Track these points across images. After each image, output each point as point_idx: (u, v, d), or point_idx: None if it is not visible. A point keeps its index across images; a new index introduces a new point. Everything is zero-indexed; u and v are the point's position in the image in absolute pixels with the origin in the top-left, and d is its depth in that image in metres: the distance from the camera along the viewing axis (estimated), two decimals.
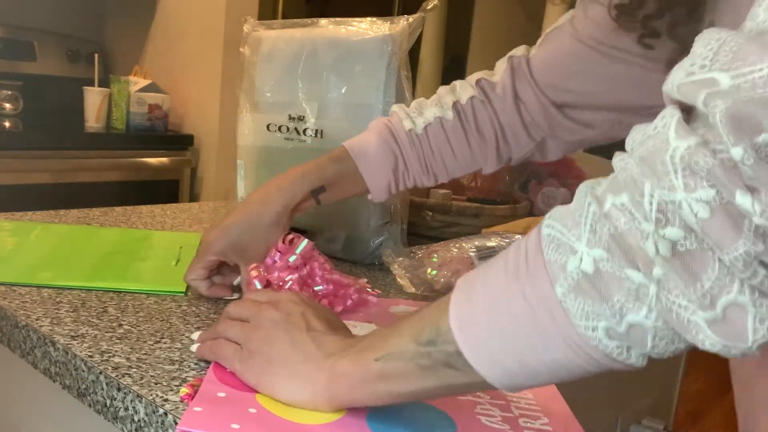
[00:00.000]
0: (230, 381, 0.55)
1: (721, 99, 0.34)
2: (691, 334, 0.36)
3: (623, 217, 0.37)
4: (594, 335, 0.39)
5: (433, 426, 0.51)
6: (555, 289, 0.39)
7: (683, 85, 0.36)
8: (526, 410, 0.55)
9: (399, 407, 0.53)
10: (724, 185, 0.34)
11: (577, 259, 0.38)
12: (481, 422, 0.52)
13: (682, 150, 0.35)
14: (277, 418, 0.49)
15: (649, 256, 0.36)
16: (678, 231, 0.35)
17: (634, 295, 0.37)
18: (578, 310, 0.39)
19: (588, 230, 0.38)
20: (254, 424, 0.47)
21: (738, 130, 0.33)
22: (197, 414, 0.48)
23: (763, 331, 0.35)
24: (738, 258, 0.34)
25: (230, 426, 0.46)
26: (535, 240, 0.41)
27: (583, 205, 0.39)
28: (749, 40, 0.34)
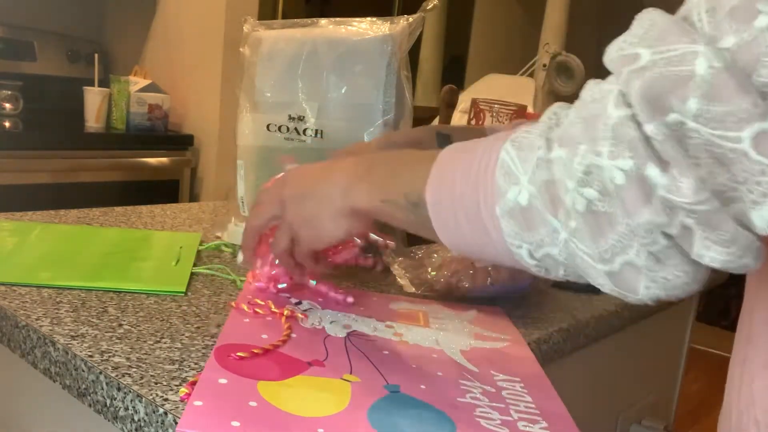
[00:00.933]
0: (232, 367, 0.55)
1: (637, 76, 0.38)
2: (591, 278, 0.43)
3: (558, 167, 0.42)
4: (518, 252, 0.47)
5: (432, 426, 0.51)
6: (496, 208, 0.46)
7: (614, 59, 0.40)
8: (525, 413, 0.55)
9: (399, 407, 0.53)
10: (640, 157, 0.38)
11: (517, 190, 0.45)
12: (481, 425, 0.52)
13: (614, 119, 0.39)
14: (278, 411, 0.49)
15: (567, 208, 0.42)
16: (594, 192, 0.40)
17: (551, 235, 0.44)
18: (509, 229, 0.46)
19: (531, 169, 0.44)
20: (255, 420, 0.47)
21: (651, 108, 0.37)
22: (197, 411, 0.48)
23: (654, 289, 0.40)
24: (641, 225, 0.38)
25: (230, 424, 0.46)
26: (494, 157, 0.47)
27: (536, 145, 0.45)
28: (674, 23, 0.38)
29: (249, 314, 0.68)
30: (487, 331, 0.74)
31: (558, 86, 2.23)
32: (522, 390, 0.60)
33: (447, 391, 0.57)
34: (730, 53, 0.36)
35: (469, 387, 0.59)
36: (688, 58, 0.36)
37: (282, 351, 0.60)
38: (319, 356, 0.60)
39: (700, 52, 0.36)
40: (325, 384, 0.55)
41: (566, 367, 0.83)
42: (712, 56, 0.36)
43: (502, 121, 1.26)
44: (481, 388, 0.59)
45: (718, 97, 0.35)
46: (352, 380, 0.57)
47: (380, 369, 0.60)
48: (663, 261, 0.39)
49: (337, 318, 0.71)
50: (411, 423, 0.51)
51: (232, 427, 0.46)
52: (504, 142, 0.47)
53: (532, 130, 0.46)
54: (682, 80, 0.36)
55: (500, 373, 0.63)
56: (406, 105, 0.98)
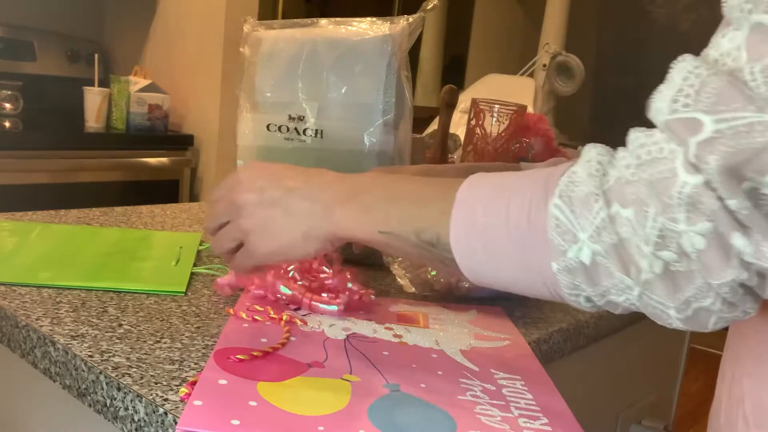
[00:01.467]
0: (231, 368, 0.55)
1: (710, 153, 0.38)
2: (661, 320, 0.44)
3: (626, 228, 0.42)
4: (576, 300, 0.47)
5: (432, 423, 0.51)
6: (552, 264, 0.46)
7: (670, 122, 0.40)
8: (526, 410, 0.55)
9: (399, 405, 0.53)
10: (723, 224, 0.39)
11: (577, 248, 0.44)
12: (481, 421, 0.52)
13: (690, 187, 0.39)
14: (278, 410, 0.49)
15: (641, 268, 0.42)
16: (672, 255, 0.41)
17: (620, 289, 0.44)
18: (569, 283, 0.46)
19: (593, 228, 0.43)
20: (254, 419, 0.47)
21: (731, 182, 0.38)
22: (197, 410, 0.48)
23: (721, 324, 0.43)
24: (725, 284, 0.40)
25: (230, 423, 0.46)
26: (539, 210, 0.46)
27: (592, 201, 0.44)
28: (729, 84, 0.38)
29: (248, 321, 0.68)
30: (487, 331, 0.74)
31: (558, 86, 2.23)
32: (522, 387, 0.60)
33: (447, 390, 0.57)
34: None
35: (469, 385, 0.59)
36: (757, 128, 0.37)
37: (281, 353, 0.60)
38: (318, 358, 0.60)
39: None
40: (324, 384, 0.55)
41: (566, 367, 0.83)
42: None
43: (503, 121, 1.26)
44: (481, 386, 0.59)
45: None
46: (352, 380, 0.57)
47: (380, 369, 0.60)
48: (737, 305, 0.41)
49: (336, 321, 0.71)
50: (411, 421, 0.51)
51: (232, 426, 0.46)
52: (550, 195, 0.46)
53: (579, 181, 0.45)
54: (756, 152, 0.37)
55: (500, 371, 0.63)
56: (406, 105, 0.98)
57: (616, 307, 0.46)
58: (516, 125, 1.27)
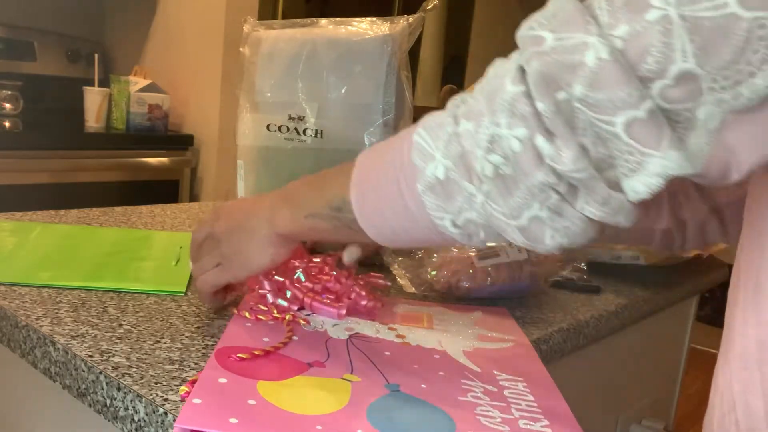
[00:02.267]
0: (232, 367, 0.55)
1: (536, 58, 0.42)
2: (506, 234, 0.48)
3: (467, 140, 0.47)
4: (442, 223, 0.50)
5: (431, 424, 0.51)
6: (417, 186, 0.50)
7: (522, 36, 0.45)
8: (527, 411, 0.55)
9: (399, 405, 0.53)
10: (531, 128, 0.43)
11: (434, 166, 0.49)
12: (481, 423, 0.52)
13: (510, 94, 0.44)
14: (277, 409, 0.49)
15: (478, 174, 0.46)
16: (499, 158, 0.45)
17: (469, 201, 0.48)
18: (432, 203, 0.50)
19: (443, 145, 0.49)
20: (253, 418, 0.47)
21: (543, 88, 0.42)
22: (196, 408, 0.48)
23: (558, 238, 0.46)
24: (535, 185, 0.44)
25: (228, 421, 0.46)
26: (408, 142, 0.51)
27: (445, 123, 0.49)
28: (578, 10, 0.42)
29: (251, 320, 0.68)
30: (491, 332, 0.74)
31: None
32: (524, 389, 0.60)
33: (448, 390, 0.57)
34: (621, 41, 0.40)
35: (470, 386, 0.59)
36: (580, 48, 0.41)
37: (282, 353, 0.60)
38: (320, 357, 0.60)
39: (591, 44, 0.40)
40: (325, 383, 0.55)
41: (566, 367, 0.83)
42: (601, 48, 0.40)
43: None
44: (483, 387, 0.59)
45: (599, 86, 0.40)
46: (352, 380, 0.57)
47: (381, 369, 0.60)
48: (560, 213, 0.45)
49: (339, 321, 0.71)
50: (410, 421, 0.51)
51: (230, 424, 0.46)
52: (415, 127, 0.52)
53: (440, 113, 0.51)
54: (572, 68, 0.41)
55: (503, 372, 0.63)
56: (406, 105, 0.98)
57: (475, 230, 0.49)
58: None
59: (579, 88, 0.41)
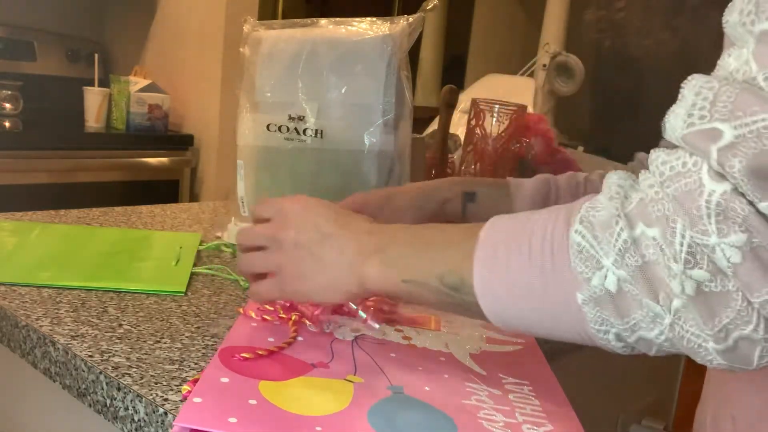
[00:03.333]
0: (235, 367, 0.55)
1: (733, 156, 0.36)
2: (700, 356, 0.40)
3: (652, 249, 0.40)
4: (605, 338, 0.44)
5: (433, 427, 0.51)
6: (577, 295, 0.43)
7: (687, 135, 0.38)
8: (531, 416, 0.55)
9: (401, 407, 0.53)
10: (759, 232, 0.36)
11: (602, 275, 0.42)
12: (483, 426, 0.52)
13: (718, 195, 0.37)
14: (277, 409, 0.49)
15: (673, 292, 0.39)
16: (705, 273, 0.38)
17: (650, 319, 0.41)
18: (595, 316, 0.43)
19: (616, 251, 0.41)
20: (252, 418, 0.47)
21: (760, 185, 0.36)
22: (196, 407, 0.48)
23: (767, 357, 0.39)
24: (766, 299, 0.36)
25: (227, 420, 0.46)
26: (561, 240, 0.44)
27: (613, 223, 0.41)
28: (743, 90, 0.37)
29: (257, 320, 0.68)
30: (499, 335, 0.73)
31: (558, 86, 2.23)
32: (530, 393, 0.60)
33: (451, 393, 0.57)
34: None
35: (474, 389, 0.59)
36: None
37: (286, 353, 0.60)
38: (324, 358, 0.60)
39: None
40: (327, 384, 0.55)
41: (566, 367, 0.83)
42: None
43: (503, 121, 1.26)
44: (488, 390, 0.59)
45: None
46: (355, 381, 0.57)
47: (385, 371, 0.60)
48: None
49: (345, 323, 0.70)
50: (412, 423, 0.51)
51: (229, 423, 0.46)
52: (570, 223, 0.44)
53: (600, 207, 0.43)
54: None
55: (509, 376, 0.63)
56: (406, 105, 0.98)
57: (649, 346, 0.43)
58: (516, 125, 1.27)
59: None
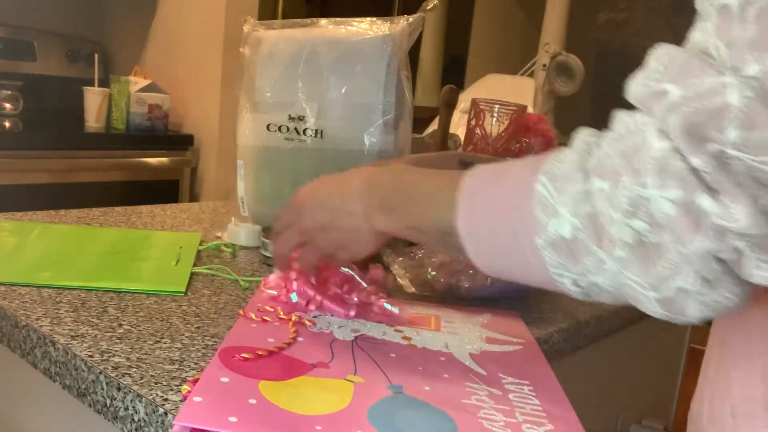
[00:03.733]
0: (235, 367, 0.55)
1: (672, 112, 0.39)
2: (640, 304, 0.44)
3: (601, 200, 0.43)
4: (561, 281, 0.48)
5: (433, 426, 0.51)
6: (536, 239, 0.47)
7: (640, 97, 0.42)
8: (531, 416, 0.55)
9: (401, 407, 0.53)
10: (689, 187, 0.39)
11: (557, 222, 0.46)
12: (483, 426, 0.52)
13: (657, 152, 0.40)
14: (278, 408, 0.49)
15: (612, 239, 0.42)
16: (643, 224, 0.41)
17: (597, 265, 0.45)
18: (552, 260, 0.47)
19: (571, 201, 0.45)
20: (252, 417, 0.47)
21: (693, 141, 0.38)
22: (196, 406, 0.48)
23: (705, 312, 0.41)
24: (694, 252, 0.39)
25: (227, 419, 0.46)
26: (527, 189, 0.48)
27: (572, 176, 0.46)
28: (693, 56, 0.40)
29: (257, 321, 0.68)
30: (499, 335, 0.73)
31: (558, 86, 2.23)
32: (530, 393, 0.60)
33: (451, 393, 0.57)
34: (756, 81, 0.37)
35: (474, 389, 0.59)
36: (718, 90, 0.38)
37: (287, 353, 0.60)
38: (324, 358, 0.60)
39: (729, 83, 0.37)
40: (327, 384, 0.55)
41: (566, 367, 0.83)
42: (742, 86, 0.37)
43: (503, 121, 1.26)
44: (488, 390, 0.59)
45: (754, 124, 0.37)
46: (355, 381, 0.57)
47: (385, 370, 0.60)
48: (714, 285, 0.40)
49: (345, 323, 0.70)
50: (411, 423, 0.51)
51: (229, 423, 0.46)
52: (537, 173, 0.48)
53: (564, 160, 0.47)
54: (718, 112, 0.37)
55: (509, 375, 0.63)
56: (406, 105, 0.98)
57: (599, 292, 0.46)
58: (516, 125, 1.27)
59: (732, 132, 0.37)
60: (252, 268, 0.89)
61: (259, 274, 0.87)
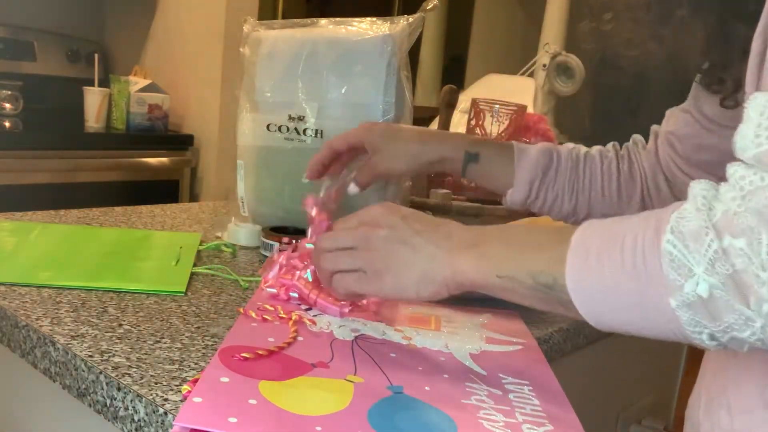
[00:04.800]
0: (235, 367, 0.55)
1: None
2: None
3: (741, 259, 0.43)
4: (699, 337, 0.46)
5: (433, 427, 0.51)
6: (670, 301, 0.46)
7: (759, 154, 0.42)
8: (531, 416, 0.55)
9: (400, 407, 0.53)
10: None
11: (694, 282, 0.44)
12: (483, 426, 0.52)
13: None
14: (278, 409, 0.49)
15: (763, 298, 0.42)
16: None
17: (742, 322, 0.44)
18: (689, 319, 0.45)
19: (707, 261, 0.44)
20: (253, 418, 0.47)
21: None
22: (196, 407, 0.48)
23: None
24: None
25: (227, 420, 0.46)
26: (653, 248, 0.47)
27: (703, 234, 0.45)
28: None
29: (257, 320, 0.68)
30: (499, 335, 0.73)
31: (558, 86, 2.23)
32: (530, 393, 0.60)
33: (451, 393, 0.57)
34: None
35: (474, 389, 0.59)
36: None
37: (287, 353, 0.60)
38: (324, 358, 0.60)
39: None
40: (327, 384, 0.55)
41: (566, 367, 0.83)
42: None
43: (503, 121, 1.26)
44: (488, 390, 0.59)
45: None
46: (355, 381, 0.57)
47: (385, 371, 0.60)
48: None
49: (345, 322, 0.70)
50: (411, 423, 0.51)
51: (229, 423, 0.46)
52: (662, 232, 0.47)
53: (688, 216, 0.46)
54: None
55: (509, 376, 0.63)
56: (406, 105, 0.98)
57: (742, 345, 0.45)
58: (516, 125, 1.27)
59: None
60: (252, 268, 0.90)
61: (259, 274, 0.87)
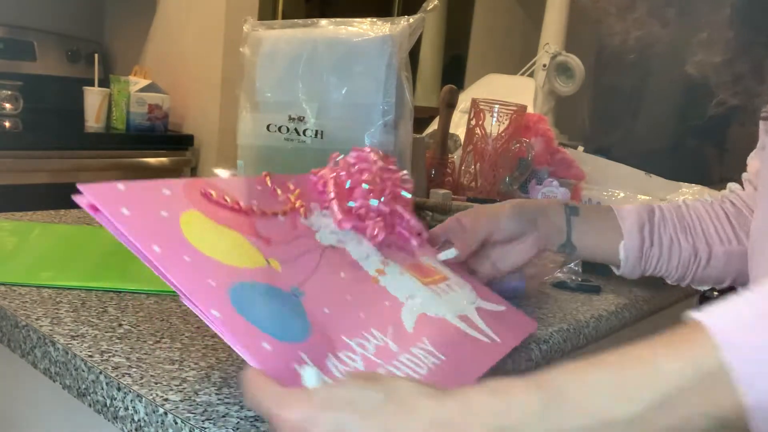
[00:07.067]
0: (190, 194, 0.52)
1: None
2: None
3: None
4: None
5: (286, 323, 0.47)
6: None
7: None
8: (410, 369, 0.51)
9: (276, 302, 0.49)
10: None
11: None
12: (343, 341, 0.48)
13: None
14: (180, 232, 0.49)
15: None
16: None
17: None
18: None
19: None
20: (145, 225, 0.48)
21: None
22: (115, 191, 0.49)
23: None
24: None
25: (120, 210, 0.47)
26: None
27: None
28: None
29: (268, 187, 0.61)
30: (481, 324, 0.66)
31: (558, 86, 2.23)
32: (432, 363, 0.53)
33: (347, 326, 0.51)
34: None
35: (374, 335, 0.52)
36: None
37: (254, 218, 0.55)
38: (279, 240, 0.54)
39: None
40: (246, 249, 0.51)
41: None
42: None
43: (503, 121, 1.26)
44: (384, 340, 0.53)
45: None
46: (272, 264, 0.52)
47: (309, 277, 0.54)
48: None
49: (337, 231, 0.63)
50: (267, 312, 0.47)
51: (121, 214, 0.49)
52: None
53: None
54: None
55: (433, 347, 0.55)
56: (406, 105, 0.98)
57: None
58: (516, 125, 1.27)
59: None
60: None
61: None
